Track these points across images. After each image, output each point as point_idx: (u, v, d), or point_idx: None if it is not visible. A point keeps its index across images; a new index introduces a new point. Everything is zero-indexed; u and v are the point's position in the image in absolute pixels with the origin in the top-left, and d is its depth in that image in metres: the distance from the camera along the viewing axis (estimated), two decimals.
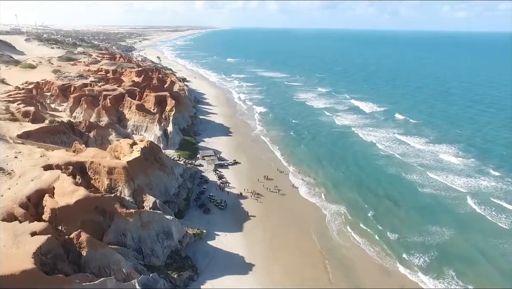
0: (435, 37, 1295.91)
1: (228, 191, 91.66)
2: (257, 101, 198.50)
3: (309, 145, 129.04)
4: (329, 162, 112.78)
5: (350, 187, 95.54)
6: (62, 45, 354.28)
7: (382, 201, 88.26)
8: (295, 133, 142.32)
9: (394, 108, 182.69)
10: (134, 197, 70.09)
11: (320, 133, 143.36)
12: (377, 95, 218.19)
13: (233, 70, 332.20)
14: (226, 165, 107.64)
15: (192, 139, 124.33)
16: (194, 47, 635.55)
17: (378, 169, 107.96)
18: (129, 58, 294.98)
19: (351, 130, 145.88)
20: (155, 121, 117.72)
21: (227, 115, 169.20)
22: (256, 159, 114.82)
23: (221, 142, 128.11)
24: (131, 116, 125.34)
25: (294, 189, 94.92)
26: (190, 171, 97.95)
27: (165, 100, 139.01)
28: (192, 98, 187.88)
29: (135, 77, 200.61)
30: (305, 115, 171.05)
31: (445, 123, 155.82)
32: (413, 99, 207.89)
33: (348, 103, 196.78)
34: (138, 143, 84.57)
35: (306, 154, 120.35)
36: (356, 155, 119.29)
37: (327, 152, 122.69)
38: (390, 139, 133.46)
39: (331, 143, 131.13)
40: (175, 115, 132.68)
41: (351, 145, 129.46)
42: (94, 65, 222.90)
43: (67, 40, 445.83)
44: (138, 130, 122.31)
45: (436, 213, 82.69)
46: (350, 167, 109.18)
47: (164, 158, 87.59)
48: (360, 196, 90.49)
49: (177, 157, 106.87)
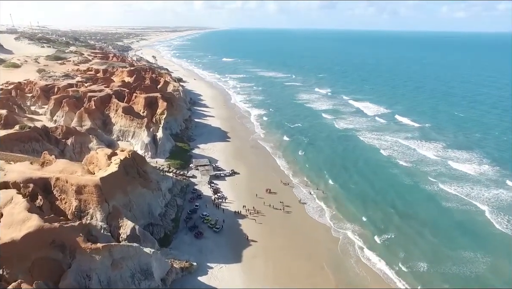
0: (434, 38, 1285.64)
1: (224, 208, 78.95)
2: (256, 103, 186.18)
3: (313, 151, 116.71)
4: (336, 171, 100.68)
5: (362, 202, 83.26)
6: (54, 44, 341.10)
7: (399, 219, 76.28)
8: (297, 138, 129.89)
9: (396, 109, 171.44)
10: (108, 222, 57.41)
11: (323, 138, 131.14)
12: (377, 95, 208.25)
13: (231, 70, 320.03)
14: (222, 176, 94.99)
15: (185, 146, 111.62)
16: (192, 47, 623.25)
17: (387, 179, 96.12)
18: (122, 57, 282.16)
19: (354, 135, 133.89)
20: (143, 126, 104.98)
21: (225, 118, 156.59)
22: (256, 168, 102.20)
23: (217, 149, 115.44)
24: (117, 120, 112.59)
25: (300, 205, 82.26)
26: (181, 184, 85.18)
27: (156, 102, 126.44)
28: (187, 99, 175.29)
29: (127, 77, 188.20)
30: (306, 118, 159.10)
31: (451, 126, 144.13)
32: (414, 100, 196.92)
33: (349, 104, 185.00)
34: (118, 153, 71.87)
35: (310, 161, 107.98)
36: (363, 163, 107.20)
37: (333, 159, 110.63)
38: (396, 145, 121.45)
39: (336, 149, 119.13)
40: (167, 118, 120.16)
41: (356, 151, 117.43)
42: (84, 65, 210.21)
43: (60, 39, 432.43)
44: (125, 136, 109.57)
45: (461, 234, 71.13)
46: (359, 177, 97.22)
47: (150, 170, 74.85)
48: (374, 213, 78.54)
49: (166, 167, 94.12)
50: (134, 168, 70.32)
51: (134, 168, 70.28)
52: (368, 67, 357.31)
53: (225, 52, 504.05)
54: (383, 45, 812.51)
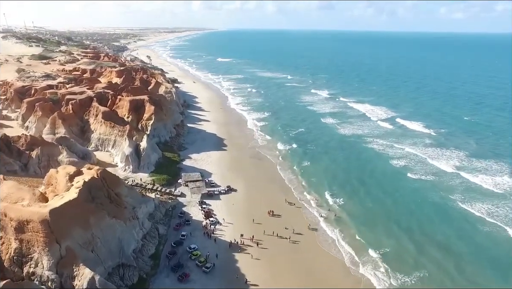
0: (433, 38, 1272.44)
1: (217, 238, 64.52)
2: (255, 106, 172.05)
3: (319, 161, 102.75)
4: (347, 187, 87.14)
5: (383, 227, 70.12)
6: (44, 44, 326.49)
7: (427, 249, 63.23)
8: (300, 145, 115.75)
9: (400, 112, 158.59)
10: (58, 270, 42.97)
11: (328, 145, 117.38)
12: (378, 96, 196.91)
13: (229, 70, 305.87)
14: (217, 194, 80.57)
15: (174, 157, 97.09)
16: (190, 47, 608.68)
17: (405, 196, 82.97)
18: (115, 57, 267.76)
19: (360, 142, 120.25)
20: (125, 134, 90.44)
21: (221, 122, 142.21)
22: (256, 183, 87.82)
23: (212, 160, 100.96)
24: (96, 127, 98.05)
25: (310, 233, 67.91)
26: (165, 206, 70.71)
27: (143, 106, 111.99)
28: (180, 102, 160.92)
29: (116, 78, 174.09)
30: (309, 122, 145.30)
31: (460, 132, 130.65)
32: (417, 101, 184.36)
33: (351, 107, 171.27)
34: (84, 172, 57.45)
35: (317, 174, 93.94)
36: (374, 176, 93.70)
37: (341, 170, 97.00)
38: (405, 155, 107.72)
39: (343, 159, 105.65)
40: (155, 124, 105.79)
41: (365, 162, 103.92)
42: (71, 64, 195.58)
43: (52, 38, 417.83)
44: (104, 145, 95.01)
45: None
46: (373, 194, 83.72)
47: (125, 193, 60.34)
48: (398, 242, 65.50)
49: (150, 184, 79.61)
50: (104, 191, 55.89)
51: (104, 191, 55.86)
52: (366, 67, 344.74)
53: (223, 52, 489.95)
54: (383, 45, 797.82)
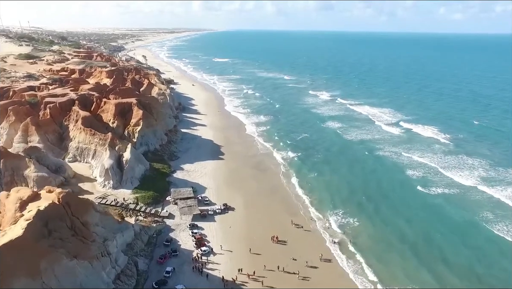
0: (432, 39, 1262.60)
1: (209, 273, 52.88)
2: (255, 108, 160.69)
3: (328, 173, 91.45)
4: (361, 203, 76.35)
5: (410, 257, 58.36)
6: (37, 43, 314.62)
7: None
8: (306, 153, 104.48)
9: (405, 116, 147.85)
10: None
11: (335, 153, 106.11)
12: (380, 98, 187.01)
13: (228, 71, 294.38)
14: (211, 214, 68.97)
15: (164, 168, 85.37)
16: (188, 47, 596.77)
17: (421, 215, 71.85)
18: (108, 57, 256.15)
19: (370, 149, 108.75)
20: (106, 144, 78.74)
21: (219, 127, 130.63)
22: (258, 200, 76.27)
23: (206, 171, 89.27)
24: (75, 135, 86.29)
25: (324, 265, 56.29)
26: (148, 233, 59.06)
27: (131, 109, 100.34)
28: (175, 105, 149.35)
29: (106, 78, 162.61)
30: (313, 126, 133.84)
31: (471, 138, 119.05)
32: (421, 103, 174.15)
33: (355, 110, 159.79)
34: (42, 196, 45.87)
35: (326, 188, 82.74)
36: (387, 190, 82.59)
37: (353, 183, 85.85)
38: (418, 165, 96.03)
39: (354, 169, 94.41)
40: (143, 131, 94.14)
41: (377, 172, 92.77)
42: (60, 64, 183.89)
43: (46, 38, 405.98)
44: (84, 155, 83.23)
45: None
46: (388, 212, 72.97)
47: (95, 221, 48.63)
48: (421, 274, 53.96)
49: (133, 202, 67.92)
50: (66, 221, 44.27)
51: (66, 221, 44.24)
52: (366, 67, 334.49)
53: (222, 52, 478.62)
54: (382, 46, 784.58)
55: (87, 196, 68.63)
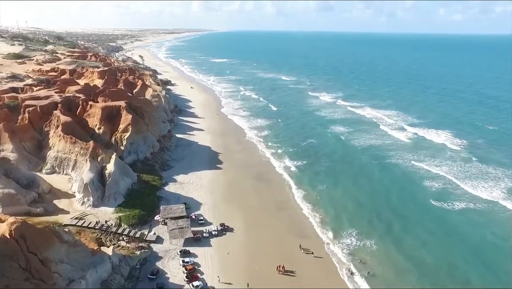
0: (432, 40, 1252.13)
1: None
2: (256, 111, 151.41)
3: (338, 185, 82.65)
4: (374, 220, 67.79)
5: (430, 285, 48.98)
6: (31, 43, 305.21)
7: None
8: (313, 162, 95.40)
9: (410, 118, 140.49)
10: None
11: (343, 161, 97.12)
12: (383, 99, 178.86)
13: (227, 71, 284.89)
14: (206, 236, 59.53)
15: (154, 180, 75.91)
16: (187, 48, 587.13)
17: (446, 236, 63.18)
18: (103, 57, 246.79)
19: (378, 157, 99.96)
20: (87, 153, 69.27)
21: (217, 132, 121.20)
22: (260, 218, 66.88)
23: (202, 184, 79.79)
24: (54, 143, 76.81)
25: None
26: (130, 264, 49.56)
27: (119, 114, 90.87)
28: (170, 107, 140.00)
29: (98, 79, 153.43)
30: (317, 131, 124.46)
31: (486, 143, 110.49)
32: (425, 105, 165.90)
33: (358, 112, 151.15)
34: None
35: (337, 203, 73.92)
36: (401, 204, 74.45)
37: (367, 197, 77.13)
38: (431, 176, 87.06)
39: (367, 180, 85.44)
40: (132, 137, 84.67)
41: (392, 184, 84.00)
42: (50, 64, 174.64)
43: (41, 37, 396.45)
44: (63, 167, 73.68)
45: None
46: (406, 231, 64.64)
47: (58, 257, 39.07)
48: None
49: (115, 223, 58.44)
50: (20, 259, 34.84)
51: (20, 260, 34.80)
52: (365, 68, 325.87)
53: (221, 53, 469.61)
54: (382, 46, 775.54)
55: (62, 215, 59.38)
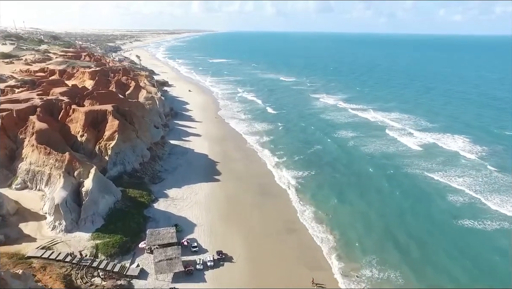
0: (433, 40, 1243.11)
1: None
2: (257, 114, 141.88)
3: (351, 200, 73.50)
4: (396, 244, 58.46)
5: None
6: (25, 42, 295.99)
7: None
8: (319, 172, 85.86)
9: (416, 122, 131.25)
10: None
11: (353, 172, 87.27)
12: (385, 101, 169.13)
13: (227, 72, 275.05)
14: (200, 268, 49.78)
15: (141, 196, 66.10)
16: (187, 48, 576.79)
17: (477, 266, 53.61)
18: (98, 57, 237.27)
19: (390, 167, 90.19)
20: (62, 166, 59.50)
21: (215, 137, 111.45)
22: (264, 243, 57.10)
23: (198, 199, 69.98)
24: (27, 153, 67.04)
25: None
26: None
27: (105, 119, 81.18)
28: (166, 111, 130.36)
29: (89, 80, 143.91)
30: (321, 137, 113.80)
31: (505, 152, 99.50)
32: (431, 107, 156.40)
33: (362, 116, 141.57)
34: None
35: (351, 220, 65.50)
36: (423, 225, 64.45)
37: (381, 214, 67.61)
38: (450, 190, 76.96)
39: (378, 195, 75.96)
40: (118, 146, 74.93)
41: (406, 199, 73.88)
42: (39, 64, 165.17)
43: (37, 37, 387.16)
44: (36, 182, 63.81)
45: None
46: (435, 255, 55.27)
47: None
48: None
49: (90, 253, 48.71)
50: None
51: None
52: (367, 68, 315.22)
53: (221, 53, 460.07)
54: (382, 47, 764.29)
55: (27, 244, 49.68)
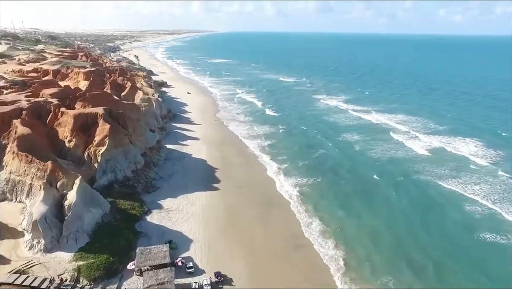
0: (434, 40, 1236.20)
1: None
2: (258, 116, 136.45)
3: (359, 209, 68.63)
4: (412, 262, 52.80)
5: None
6: (21, 42, 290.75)
7: None
8: (326, 180, 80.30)
9: (422, 124, 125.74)
10: None
11: (361, 179, 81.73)
12: (388, 102, 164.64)
13: (227, 72, 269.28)
14: None
15: (133, 207, 60.51)
16: (187, 48, 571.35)
17: None
18: (95, 57, 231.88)
19: (400, 173, 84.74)
20: (45, 177, 53.87)
21: (214, 141, 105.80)
22: (268, 262, 51.46)
23: (195, 210, 64.31)
24: (7, 161, 61.39)
25: None
26: None
27: (96, 123, 75.58)
28: (163, 113, 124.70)
29: (83, 80, 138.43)
30: (325, 141, 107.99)
31: None
32: (434, 109, 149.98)
33: (365, 118, 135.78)
34: None
35: (362, 235, 59.96)
36: (443, 239, 58.81)
37: (393, 227, 62.33)
38: (471, 203, 70.90)
39: (388, 204, 70.39)
40: (109, 152, 69.35)
41: (420, 210, 68.47)
42: (33, 64, 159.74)
43: (34, 37, 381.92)
44: (16, 193, 58.15)
45: None
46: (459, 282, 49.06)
47: None
48: None
49: (71, 277, 43.04)
50: None
51: None
52: (368, 69, 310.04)
53: (221, 53, 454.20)
54: (383, 47, 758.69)
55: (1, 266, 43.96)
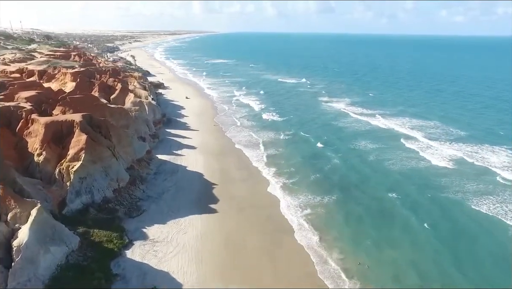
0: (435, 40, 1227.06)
1: None
2: (260, 121, 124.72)
3: (383, 240, 55.36)
4: None
5: None
6: (14, 42, 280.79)
7: None
8: (340, 200, 67.17)
9: (436, 132, 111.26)
10: None
11: (381, 198, 68.49)
12: (394, 105, 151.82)
13: (228, 73, 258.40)
14: None
15: (110, 239, 49.04)
16: (187, 48, 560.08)
17: None
18: (89, 57, 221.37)
19: (421, 190, 71.23)
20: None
21: (213, 150, 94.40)
22: None
23: (187, 241, 52.73)
24: None
25: None
26: None
27: (72, 132, 64.23)
28: (156, 118, 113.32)
29: (70, 82, 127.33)
30: (334, 151, 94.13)
31: None
32: (445, 113, 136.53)
33: (372, 123, 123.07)
34: None
35: (388, 274, 47.46)
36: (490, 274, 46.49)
37: (432, 264, 49.64)
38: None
39: (414, 236, 57.18)
40: (84, 170, 57.96)
41: (456, 241, 55.55)
42: (18, 64, 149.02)
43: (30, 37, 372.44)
44: None
45: None
46: None
47: None
48: None
49: None
50: None
51: None
52: (368, 69, 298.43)
53: (221, 54, 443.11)
54: (384, 47, 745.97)
55: None
